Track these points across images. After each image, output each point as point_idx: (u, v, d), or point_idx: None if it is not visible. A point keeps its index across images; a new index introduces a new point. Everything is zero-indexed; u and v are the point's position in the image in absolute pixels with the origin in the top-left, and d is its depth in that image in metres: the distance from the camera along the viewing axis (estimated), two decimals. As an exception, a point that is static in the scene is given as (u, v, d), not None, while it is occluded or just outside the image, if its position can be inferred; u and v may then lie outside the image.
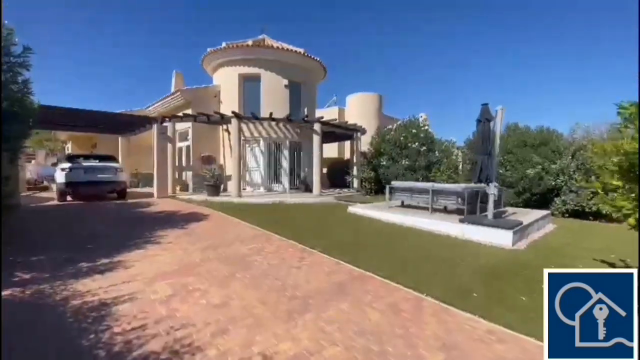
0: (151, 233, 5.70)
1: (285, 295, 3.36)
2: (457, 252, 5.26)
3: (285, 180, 13.28)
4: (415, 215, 7.48)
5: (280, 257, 4.60)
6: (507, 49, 52.35)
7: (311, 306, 3.13)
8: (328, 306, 3.14)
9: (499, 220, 6.62)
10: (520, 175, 10.67)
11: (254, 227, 6.47)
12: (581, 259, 5.22)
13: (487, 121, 6.78)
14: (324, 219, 7.68)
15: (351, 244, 5.44)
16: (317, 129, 11.51)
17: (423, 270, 4.26)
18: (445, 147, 13.80)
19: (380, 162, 14.55)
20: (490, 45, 55.49)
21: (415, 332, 2.72)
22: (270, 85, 13.02)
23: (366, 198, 12.40)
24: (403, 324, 2.84)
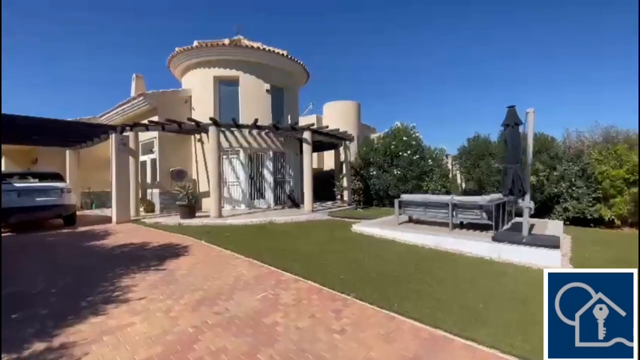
0: (113, 283, 4.08)
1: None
2: (514, 282, 4.28)
3: (270, 195, 11.86)
4: (435, 234, 6.50)
5: (309, 313, 3.29)
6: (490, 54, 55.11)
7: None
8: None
9: (539, 237, 5.83)
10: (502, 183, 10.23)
11: (254, 261, 5.06)
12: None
13: (516, 125, 6.04)
14: (332, 244, 6.43)
15: (384, 280, 4.26)
16: (308, 138, 10.31)
17: (500, 319, 3.18)
18: (436, 155, 13.25)
19: (370, 172, 13.67)
20: (468, 55, 58.23)
21: None
22: (250, 89, 11.64)
23: (361, 212, 11.34)
24: None
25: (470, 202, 6.85)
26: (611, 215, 9.01)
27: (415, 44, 57.39)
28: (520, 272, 4.82)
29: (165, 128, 9.99)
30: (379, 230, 7.33)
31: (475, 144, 11.77)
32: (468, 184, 11.92)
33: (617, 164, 8.85)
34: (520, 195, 5.98)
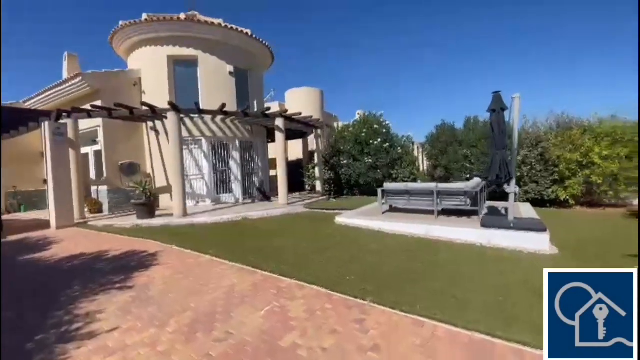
0: (70, 311, 3.19)
1: None
2: (520, 271, 4.25)
3: (238, 188, 10.97)
4: (423, 223, 6.39)
5: (329, 328, 2.82)
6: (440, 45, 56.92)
7: None
8: None
9: (524, 221, 5.96)
10: (487, 168, 10.67)
11: (242, 266, 4.41)
12: (622, 253, 4.85)
13: (502, 110, 6.05)
14: (321, 240, 5.98)
15: (393, 278, 3.94)
16: (281, 125, 9.58)
17: (529, 315, 3.04)
18: (404, 142, 13.35)
19: (340, 161, 13.38)
20: (422, 44, 59.78)
21: None
22: (211, 71, 10.48)
23: (336, 203, 11.01)
24: None
25: (455, 188, 6.84)
26: (566, 195, 9.77)
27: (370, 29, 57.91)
28: (520, 259, 4.85)
29: (113, 114, 8.56)
30: (365, 221, 7.04)
31: (443, 131, 12.04)
32: (436, 170, 12.21)
33: (572, 148, 9.57)
34: (507, 181, 6.06)
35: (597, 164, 9.23)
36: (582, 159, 9.45)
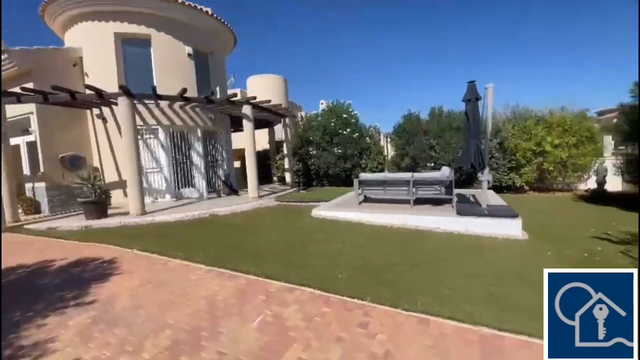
0: (10, 342, 2.56)
1: None
2: (505, 258, 4.35)
3: (201, 182, 10.18)
4: (399, 212, 6.38)
5: (333, 336, 2.56)
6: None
7: None
8: None
9: (497, 208, 6.18)
10: (452, 157, 11.09)
11: (221, 270, 3.96)
12: (585, 234, 5.32)
13: (476, 100, 6.14)
14: (300, 234, 5.69)
15: (385, 273, 3.80)
16: (249, 113, 8.95)
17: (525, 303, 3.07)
18: (371, 132, 13.38)
19: (309, 152, 13.07)
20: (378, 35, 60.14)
21: None
22: (167, 53, 9.43)
23: (307, 194, 10.73)
24: None
25: (430, 178, 6.91)
26: (521, 182, 10.49)
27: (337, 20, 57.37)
28: (499, 246, 4.99)
29: (49, 99, 7.32)
30: (343, 213, 6.87)
31: (409, 121, 12.23)
32: (403, 160, 12.42)
33: (527, 138, 10.23)
34: (481, 169, 6.22)
35: (549, 152, 9.99)
36: (535, 148, 10.16)
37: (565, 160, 9.94)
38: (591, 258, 4.34)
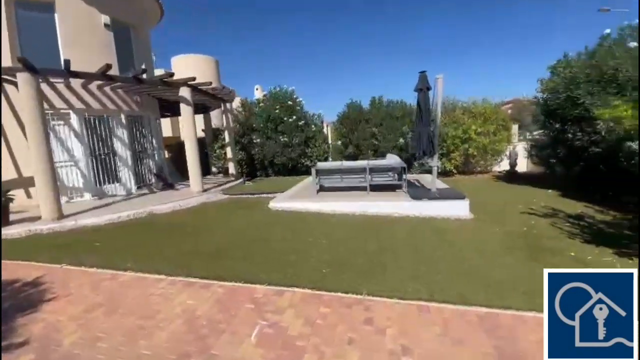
0: None
1: None
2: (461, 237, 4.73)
3: (128, 176, 8.78)
4: (358, 200, 6.47)
5: (344, 339, 2.39)
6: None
7: None
8: None
9: (446, 191, 6.68)
10: (393, 144, 11.72)
11: (186, 278, 3.41)
12: (516, 210, 6.23)
13: (427, 89, 6.46)
14: (264, 230, 5.31)
15: (366, 263, 3.78)
16: (187, 96, 7.90)
17: (499, 275, 3.36)
18: (315, 120, 13.26)
19: (253, 140, 12.38)
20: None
21: None
22: (77, 21, 7.68)
23: (255, 186, 10.18)
24: None
25: (385, 165, 7.13)
26: (451, 166, 11.66)
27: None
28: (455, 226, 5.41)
29: None
30: (301, 204, 6.66)
31: (353, 110, 12.46)
32: (348, 148, 12.67)
33: (456, 126, 11.34)
34: (431, 155, 6.62)
35: (474, 139, 11.26)
36: (462, 135, 11.34)
37: (486, 145, 11.34)
38: (530, 232, 5.00)
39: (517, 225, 5.33)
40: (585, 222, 5.40)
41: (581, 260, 3.84)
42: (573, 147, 7.46)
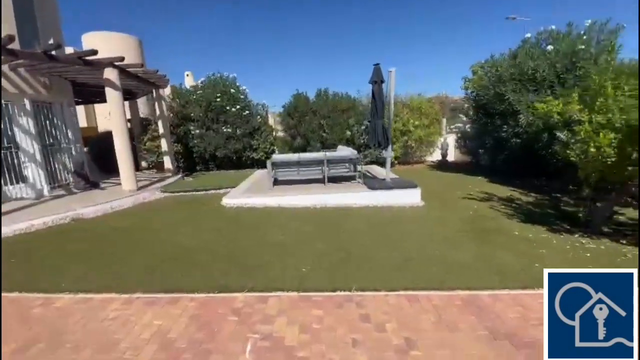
0: None
1: None
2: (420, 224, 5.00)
3: (38, 175, 7.19)
4: (317, 193, 6.40)
5: (346, 341, 2.25)
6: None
7: None
8: None
9: (399, 181, 6.97)
10: (339, 137, 11.87)
11: (145, 295, 2.88)
12: (457, 196, 6.83)
13: (382, 82, 6.58)
14: (224, 230, 4.84)
15: (344, 256, 3.71)
16: (114, 79, 6.70)
17: (469, 260, 3.61)
18: (260, 110, 12.66)
19: (190, 131, 11.29)
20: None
21: None
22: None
23: (197, 182, 9.32)
24: None
25: (341, 156, 7.14)
26: (392, 157, 12.31)
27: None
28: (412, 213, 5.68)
29: None
30: (258, 199, 6.29)
31: (300, 101, 12.20)
32: (295, 140, 12.41)
33: (396, 120, 11.96)
34: (385, 147, 6.83)
35: (412, 132, 12.06)
36: (402, 128, 12.05)
37: (422, 137, 12.25)
38: (477, 214, 5.52)
39: (463, 210, 5.83)
40: (515, 204, 6.17)
41: (524, 237, 4.37)
42: (499, 138, 8.48)
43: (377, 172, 8.71)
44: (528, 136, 7.46)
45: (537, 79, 7.38)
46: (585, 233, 4.44)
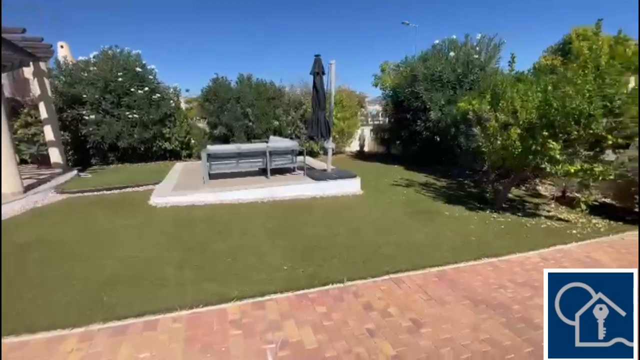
0: None
1: None
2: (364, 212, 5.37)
3: None
4: (263, 186, 6.17)
5: (362, 332, 2.30)
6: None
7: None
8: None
9: (340, 171, 7.22)
10: (267, 127, 11.54)
11: (110, 324, 2.28)
12: (386, 183, 7.46)
13: (323, 74, 6.63)
14: (168, 235, 4.19)
15: (320, 251, 3.73)
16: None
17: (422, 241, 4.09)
18: (172, 94, 11.14)
19: (82, 116, 9.21)
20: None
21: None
22: None
23: (99, 178, 7.74)
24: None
25: (284, 148, 6.97)
26: (317, 148, 12.68)
27: None
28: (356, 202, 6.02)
29: None
30: (195, 196, 5.66)
31: (221, 86, 11.23)
32: (217, 128, 11.43)
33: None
34: (326, 138, 6.98)
35: (336, 124, 12.60)
36: (330, 119, 12.47)
37: (344, 129, 12.95)
38: (409, 198, 6.21)
39: (397, 195, 6.49)
40: (433, 188, 7.19)
41: (453, 216, 5.16)
42: (413, 131, 9.66)
43: (311, 163, 8.83)
44: (438, 130, 8.73)
45: (443, 80, 8.66)
46: (492, 209, 5.52)
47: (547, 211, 5.50)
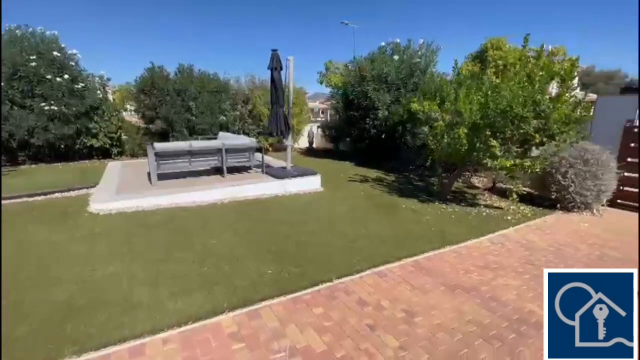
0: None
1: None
2: (330, 207, 5.50)
3: None
4: (224, 186, 5.87)
5: (363, 327, 2.36)
6: None
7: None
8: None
9: (300, 169, 7.16)
10: (212, 122, 10.87)
11: (90, 355, 1.95)
12: (342, 179, 7.81)
13: (281, 69, 6.48)
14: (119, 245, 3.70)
15: (301, 252, 3.70)
16: None
17: (386, 233, 4.36)
18: (98, 84, 9.72)
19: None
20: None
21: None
22: None
23: (10, 181, 6.45)
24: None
25: (241, 145, 6.66)
26: (267, 144, 12.40)
27: None
28: (320, 198, 6.09)
29: None
30: (148, 200, 5.10)
31: (158, 76, 10.13)
32: (155, 123, 10.33)
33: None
34: (286, 135, 6.87)
35: (284, 119, 12.46)
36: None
37: (294, 125, 12.87)
38: (367, 193, 6.52)
39: (356, 191, 6.75)
40: (386, 183, 7.65)
41: (410, 208, 5.57)
42: (362, 128, 10.07)
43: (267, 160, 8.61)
44: (386, 128, 9.26)
45: (389, 81, 9.19)
46: (439, 201, 6.11)
47: (484, 200, 6.30)
